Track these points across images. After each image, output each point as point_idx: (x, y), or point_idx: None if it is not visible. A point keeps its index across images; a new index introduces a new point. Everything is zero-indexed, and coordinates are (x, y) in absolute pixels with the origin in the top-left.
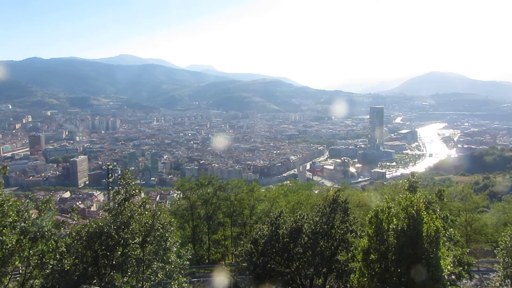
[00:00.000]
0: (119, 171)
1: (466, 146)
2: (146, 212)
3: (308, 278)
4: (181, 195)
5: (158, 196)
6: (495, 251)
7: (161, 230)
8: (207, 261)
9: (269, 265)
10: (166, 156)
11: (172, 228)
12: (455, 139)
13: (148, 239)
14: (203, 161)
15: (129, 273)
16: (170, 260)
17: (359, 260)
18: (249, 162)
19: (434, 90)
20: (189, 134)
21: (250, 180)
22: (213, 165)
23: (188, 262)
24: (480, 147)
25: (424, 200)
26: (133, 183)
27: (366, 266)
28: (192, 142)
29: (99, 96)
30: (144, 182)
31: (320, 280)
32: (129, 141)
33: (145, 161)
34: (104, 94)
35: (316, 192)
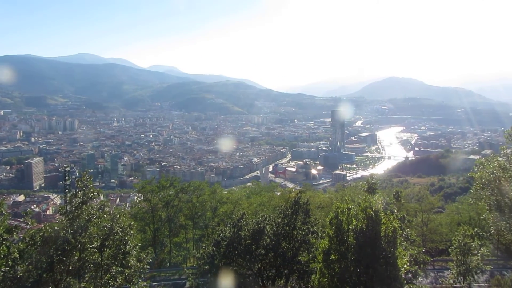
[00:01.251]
0: (77, 173)
1: (422, 149)
2: (105, 215)
3: (270, 279)
4: (142, 198)
5: (118, 199)
6: (449, 250)
7: (120, 234)
8: (168, 264)
9: (231, 267)
10: (127, 158)
11: (132, 232)
12: (413, 142)
13: (107, 243)
14: (164, 163)
15: (87, 279)
16: (129, 264)
17: (320, 260)
18: (212, 164)
19: (393, 95)
20: (151, 136)
21: (212, 182)
22: (175, 167)
23: (148, 266)
24: (436, 150)
25: (383, 201)
26: (91, 185)
27: (326, 267)
28: (153, 144)
29: (56, 95)
30: (103, 184)
31: (282, 281)
32: (88, 142)
33: (104, 163)
34: (62, 94)
35: (278, 194)
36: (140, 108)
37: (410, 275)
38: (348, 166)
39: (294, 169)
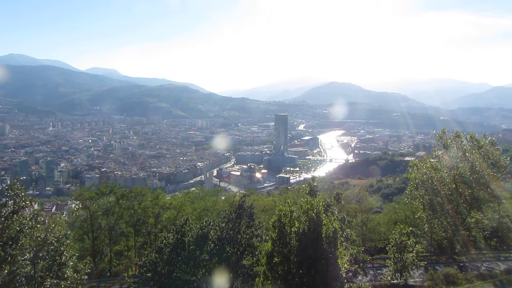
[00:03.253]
0: (8, 181)
1: (362, 151)
2: (39, 225)
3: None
4: (80, 205)
5: (54, 207)
6: (387, 248)
7: (55, 244)
8: (108, 274)
9: (174, 274)
10: (64, 164)
11: (68, 241)
12: (352, 145)
13: (41, 254)
14: (104, 169)
15: None
16: (66, 276)
17: (263, 263)
18: (155, 169)
19: (334, 99)
20: (90, 141)
21: (155, 188)
22: (115, 172)
23: (86, 277)
24: (374, 152)
25: (324, 203)
26: (23, 193)
27: (270, 269)
28: (92, 149)
29: None
30: (37, 192)
31: (226, 286)
32: (20, 148)
33: (39, 170)
34: None
35: (223, 198)
36: (78, 112)
37: (350, 274)
38: (292, 169)
39: (238, 173)
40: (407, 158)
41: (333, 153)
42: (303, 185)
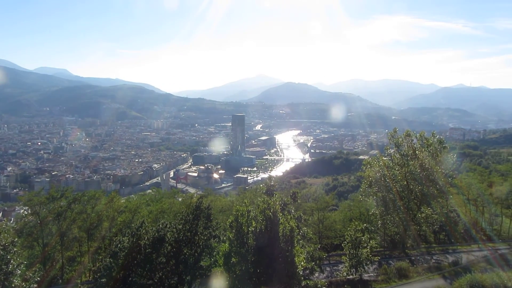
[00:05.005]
0: None
1: (318, 151)
2: None
3: (172, 287)
4: (29, 211)
5: (1, 214)
6: (342, 245)
7: (1, 252)
8: (60, 281)
9: (130, 279)
10: (11, 168)
11: (15, 249)
12: (309, 144)
13: None
14: (55, 172)
15: None
16: (13, 285)
17: (221, 264)
18: (109, 171)
19: (290, 99)
20: (39, 143)
21: (109, 191)
22: (67, 176)
23: (36, 285)
24: (330, 151)
25: (280, 202)
26: None
27: (227, 270)
28: (42, 152)
29: None
30: None
31: None
32: None
33: None
34: None
35: (180, 199)
36: (26, 114)
37: (307, 271)
38: (249, 169)
39: (195, 174)
40: (361, 157)
41: (290, 153)
42: (261, 185)
